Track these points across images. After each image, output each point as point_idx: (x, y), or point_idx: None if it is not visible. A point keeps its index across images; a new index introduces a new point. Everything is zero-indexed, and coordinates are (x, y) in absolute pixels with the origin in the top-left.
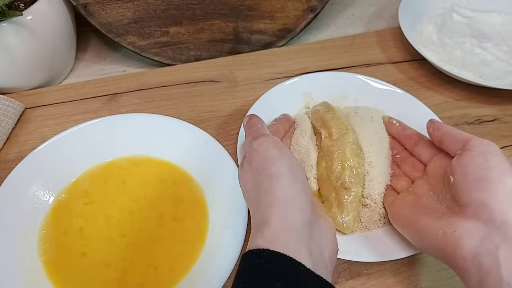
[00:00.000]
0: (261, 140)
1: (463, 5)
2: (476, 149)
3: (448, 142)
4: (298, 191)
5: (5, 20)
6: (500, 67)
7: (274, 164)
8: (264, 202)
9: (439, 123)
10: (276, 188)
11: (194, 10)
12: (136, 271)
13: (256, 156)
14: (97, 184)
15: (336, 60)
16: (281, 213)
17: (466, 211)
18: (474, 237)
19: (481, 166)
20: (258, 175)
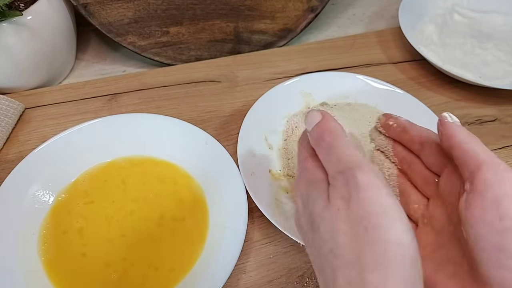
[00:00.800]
0: (370, 174)
1: (463, 5)
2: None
3: (457, 160)
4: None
5: (5, 20)
6: (500, 67)
7: (395, 223)
8: (373, 277)
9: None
10: (395, 262)
11: (194, 10)
12: (136, 271)
13: (362, 199)
14: (97, 184)
15: (337, 60)
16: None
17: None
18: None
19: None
20: (364, 230)
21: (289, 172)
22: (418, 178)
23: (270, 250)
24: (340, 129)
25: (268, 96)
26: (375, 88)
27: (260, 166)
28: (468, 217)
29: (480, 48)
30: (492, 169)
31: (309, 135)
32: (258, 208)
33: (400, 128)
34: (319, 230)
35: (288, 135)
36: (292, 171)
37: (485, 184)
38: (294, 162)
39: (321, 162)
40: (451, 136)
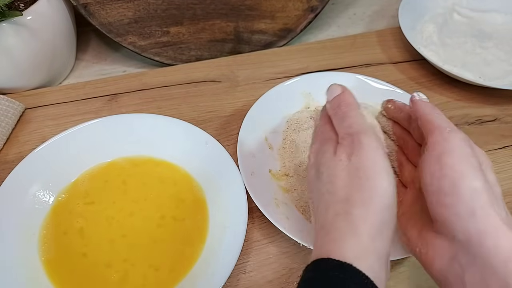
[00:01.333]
0: (372, 139)
1: (463, 5)
2: (433, 149)
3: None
4: (393, 217)
5: (5, 20)
6: (500, 67)
7: (383, 177)
8: (358, 211)
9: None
10: (377, 204)
11: (194, 10)
12: (137, 272)
13: (362, 156)
14: (98, 184)
15: (337, 60)
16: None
17: (435, 227)
18: (443, 258)
19: (435, 175)
20: (358, 178)
21: (286, 172)
22: (410, 151)
23: (270, 250)
24: (355, 103)
25: (269, 96)
26: (375, 88)
27: (260, 166)
28: (420, 171)
29: (480, 47)
30: (440, 132)
31: (328, 104)
32: (258, 208)
33: (396, 109)
34: (323, 175)
35: (287, 135)
36: (290, 170)
37: (433, 143)
38: (292, 161)
39: (335, 127)
40: (417, 110)
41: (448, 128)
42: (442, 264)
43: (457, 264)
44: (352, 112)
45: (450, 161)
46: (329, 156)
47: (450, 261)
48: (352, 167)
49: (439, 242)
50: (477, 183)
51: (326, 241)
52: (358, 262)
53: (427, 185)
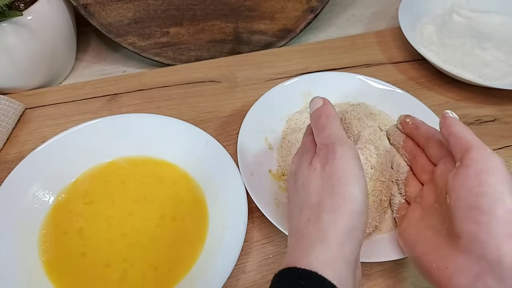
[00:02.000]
0: (346, 149)
1: (463, 5)
2: (472, 166)
3: (452, 146)
4: (363, 224)
5: (5, 20)
6: (500, 68)
7: (354, 185)
8: (328, 217)
9: (451, 119)
10: (347, 211)
11: (194, 10)
12: (136, 271)
13: (336, 164)
14: (97, 184)
15: (336, 60)
16: (343, 240)
17: (459, 243)
18: (466, 275)
19: (473, 191)
20: (331, 186)
21: (284, 172)
22: (419, 167)
23: (270, 250)
24: (335, 115)
25: (268, 96)
26: (375, 88)
27: (260, 166)
28: (454, 183)
29: (479, 48)
30: (479, 150)
31: (310, 116)
32: (258, 208)
33: (414, 125)
34: (298, 182)
35: (286, 134)
36: (287, 170)
37: (472, 161)
38: (288, 161)
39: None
40: (449, 126)
41: (488, 149)
42: (463, 281)
43: (481, 283)
44: (331, 124)
45: (491, 180)
46: (305, 166)
47: (474, 279)
48: (325, 175)
49: (462, 259)
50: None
51: (296, 247)
52: (325, 269)
53: (460, 200)
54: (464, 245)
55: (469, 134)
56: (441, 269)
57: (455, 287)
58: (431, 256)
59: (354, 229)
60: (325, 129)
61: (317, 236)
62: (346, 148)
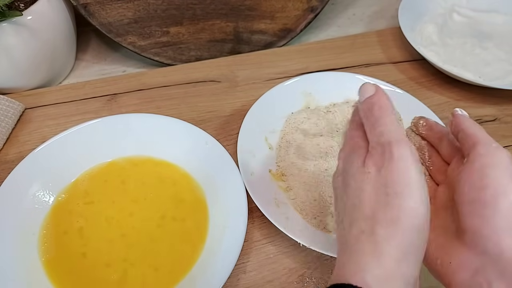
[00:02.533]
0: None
1: (463, 5)
2: (476, 161)
3: (461, 142)
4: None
5: (5, 20)
6: (500, 67)
7: (413, 195)
8: (382, 232)
9: (460, 116)
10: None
11: (194, 10)
12: (136, 272)
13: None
14: (97, 184)
15: (337, 60)
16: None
17: (464, 238)
18: (467, 270)
19: (476, 184)
20: (386, 195)
21: (282, 171)
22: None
23: (270, 250)
24: (390, 106)
25: (268, 96)
26: None
27: (260, 166)
28: (459, 179)
29: (480, 47)
30: (485, 145)
31: (360, 106)
32: (258, 208)
33: (428, 126)
34: (349, 186)
35: (284, 134)
36: (285, 170)
37: (477, 155)
38: (287, 161)
39: (366, 133)
40: (459, 123)
41: (493, 144)
42: (465, 276)
43: (482, 277)
44: (385, 117)
45: (493, 173)
46: (357, 167)
47: (474, 273)
48: (381, 182)
49: (465, 254)
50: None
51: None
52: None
53: (464, 194)
54: (467, 240)
55: (478, 130)
56: (444, 264)
57: (457, 281)
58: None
59: (412, 246)
60: (379, 124)
61: (371, 252)
62: (406, 150)
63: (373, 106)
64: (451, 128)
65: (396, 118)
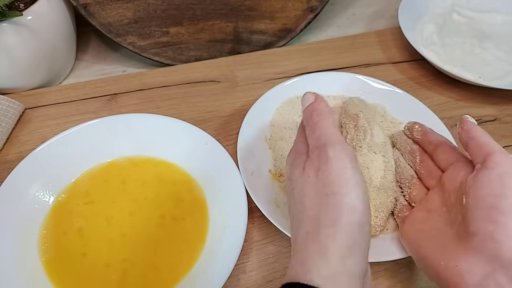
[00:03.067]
0: (338, 150)
1: (463, 5)
2: (495, 169)
3: (472, 149)
4: (366, 235)
5: (5, 20)
6: (500, 67)
7: (351, 193)
8: (326, 231)
9: (470, 124)
10: (345, 223)
11: (194, 10)
12: (136, 272)
13: (328, 171)
14: (97, 184)
15: (336, 60)
16: (344, 254)
17: (471, 242)
18: (477, 274)
19: (495, 192)
20: (325, 195)
21: (280, 171)
22: (425, 172)
23: (270, 250)
24: (328, 111)
25: (268, 96)
26: (375, 88)
27: (260, 166)
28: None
29: (479, 47)
30: (502, 154)
31: (302, 114)
32: (258, 208)
33: (423, 132)
34: (294, 191)
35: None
36: (283, 170)
37: (495, 163)
38: (282, 161)
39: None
40: (470, 131)
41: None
42: (474, 279)
43: (493, 281)
44: (322, 122)
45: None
46: (299, 173)
47: (484, 277)
48: (320, 184)
49: (474, 257)
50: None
51: (297, 261)
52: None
53: (479, 199)
54: (477, 243)
55: (490, 140)
56: (449, 267)
57: (465, 285)
58: (438, 255)
59: (356, 241)
60: (317, 128)
61: (317, 251)
62: (339, 150)
63: (312, 112)
64: (460, 134)
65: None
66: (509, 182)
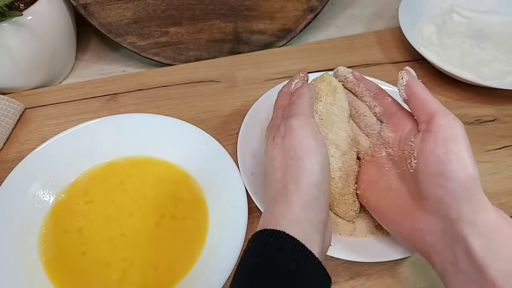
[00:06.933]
0: (301, 121)
1: (462, 5)
2: (439, 132)
3: (414, 106)
4: (324, 192)
5: (5, 20)
6: (499, 67)
7: (309, 157)
8: (291, 188)
9: (412, 79)
10: (305, 182)
11: (193, 10)
12: (136, 271)
13: (292, 138)
14: (97, 183)
15: (336, 60)
16: (305, 206)
17: (426, 205)
18: (434, 233)
19: (441, 158)
20: (289, 158)
21: None
22: (363, 124)
23: None
24: (308, 94)
25: (268, 96)
26: None
27: (260, 166)
28: (423, 149)
29: (479, 48)
30: (444, 116)
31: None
32: (258, 208)
33: (357, 80)
34: (267, 157)
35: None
36: None
37: (438, 127)
38: None
39: None
40: (411, 86)
41: (450, 115)
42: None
43: (448, 236)
44: (300, 100)
45: (456, 147)
46: (270, 141)
47: (440, 235)
48: (284, 149)
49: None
50: (475, 171)
51: (267, 214)
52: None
53: (428, 166)
54: (430, 207)
55: (431, 97)
56: (414, 230)
57: (427, 243)
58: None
59: (314, 198)
60: (292, 103)
61: (283, 203)
62: (302, 119)
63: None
64: (400, 86)
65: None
66: (452, 147)
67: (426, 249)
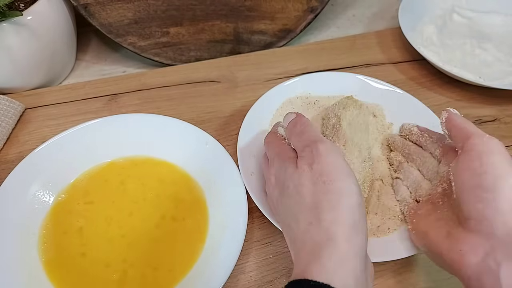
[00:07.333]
0: (328, 145)
1: (463, 5)
2: (473, 150)
3: (454, 137)
4: (363, 214)
5: (5, 20)
6: (500, 68)
7: (345, 178)
8: (328, 216)
9: (452, 114)
10: (346, 206)
11: (194, 10)
12: (136, 272)
13: (322, 162)
14: (97, 184)
15: (336, 60)
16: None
17: (469, 224)
18: (477, 255)
19: (476, 171)
20: (322, 183)
21: None
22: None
23: (270, 250)
24: (309, 122)
25: (268, 97)
26: (375, 88)
27: (260, 166)
28: (457, 169)
29: (479, 48)
30: (478, 136)
31: (286, 129)
32: (258, 208)
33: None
34: (288, 188)
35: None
36: None
37: (472, 146)
38: None
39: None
40: (451, 120)
41: (486, 135)
42: (475, 259)
43: (492, 259)
44: (308, 127)
45: (491, 159)
46: (292, 171)
47: (485, 256)
48: (316, 174)
49: (474, 239)
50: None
51: (303, 255)
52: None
53: (464, 182)
54: (473, 226)
55: (469, 125)
56: (454, 252)
57: (467, 266)
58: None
59: (356, 222)
60: (304, 132)
61: (323, 237)
62: (328, 144)
63: (296, 123)
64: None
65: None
66: (487, 160)
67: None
